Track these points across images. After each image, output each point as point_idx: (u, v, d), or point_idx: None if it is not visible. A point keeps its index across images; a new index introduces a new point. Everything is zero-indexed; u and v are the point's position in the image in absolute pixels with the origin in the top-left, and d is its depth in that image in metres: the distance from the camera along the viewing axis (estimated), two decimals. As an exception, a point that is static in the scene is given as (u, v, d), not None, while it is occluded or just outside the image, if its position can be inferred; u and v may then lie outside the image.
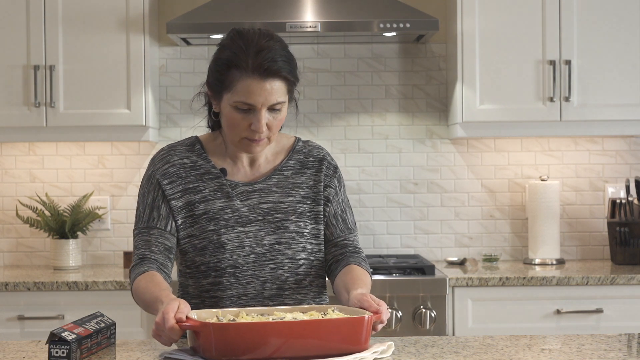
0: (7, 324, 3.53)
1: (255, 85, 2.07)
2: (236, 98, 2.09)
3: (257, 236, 2.18)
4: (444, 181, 4.16)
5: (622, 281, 3.55)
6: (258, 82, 2.07)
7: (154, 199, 2.21)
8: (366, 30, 3.70)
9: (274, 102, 2.09)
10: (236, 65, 2.08)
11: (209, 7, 3.74)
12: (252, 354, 1.80)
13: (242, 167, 2.24)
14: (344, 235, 2.29)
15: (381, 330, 3.46)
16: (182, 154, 2.24)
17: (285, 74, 2.09)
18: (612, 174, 4.17)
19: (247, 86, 2.07)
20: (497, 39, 3.82)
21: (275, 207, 2.20)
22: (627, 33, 3.82)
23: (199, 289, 2.20)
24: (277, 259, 2.18)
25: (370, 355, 1.88)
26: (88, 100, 3.81)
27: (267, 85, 2.07)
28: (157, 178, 2.22)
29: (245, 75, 2.07)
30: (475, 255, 4.15)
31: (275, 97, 2.09)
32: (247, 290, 2.17)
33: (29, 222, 3.96)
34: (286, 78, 2.10)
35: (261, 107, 2.08)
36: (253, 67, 2.07)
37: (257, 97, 2.07)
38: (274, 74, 2.08)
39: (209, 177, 2.21)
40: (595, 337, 2.17)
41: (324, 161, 2.29)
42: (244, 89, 2.08)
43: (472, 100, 3.81)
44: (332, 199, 2.27)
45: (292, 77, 2.12)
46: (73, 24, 3.80)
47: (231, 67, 2.09)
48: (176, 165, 2.22)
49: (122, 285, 3.53)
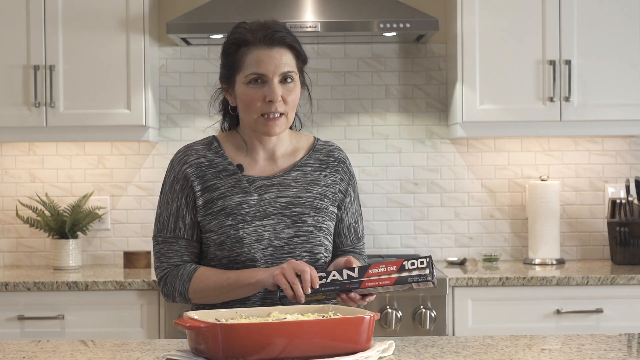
0: (7, 324, 3.53)
1: (263, 54, 2.16)
2: (247, 71, 2.17)
3: (275, 229, 2.21)
4: (444, 181, 4.16)
5: (622, 281, 3.55)
6: (265, 50, 2.17)
7: (178, 208, 2.24)
8: (366, 30, 3.70)
9: (284, 70, 2.17)
10: (244, 43, 2.18)
11: (209, 7, 3.75)
12: (259, 355, 1.80)
13: (261, 161, 2.28)
14: (353, 244, 2.37)
15: (381, 330, 3.47)
16: (199, 153, 2.26)
17: (291, 42, 2.19)
18: (612, 174, 4.17)
19: (256, 56, 2.16)
20: (497, 39, 3.82)
21: (294, 202, 2.23)
22: (627, 33, 3.82)
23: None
24: (295, 252, 2.22)
25: (375, 354, 1.90)
26: (88, 100, 3.81)
27: (275, 53, 2.16)
28: (180, 182, 2.24)
29: (254, 47, 2.17)
30: (475, 255, 4.15)
31: (285, 65, 2.17)
32: None
33: (29, 222, 3.96)
34: (292, 47, 2.19)
35: (272, 75, 2.16)
36: (260, 38, 2.17)
37: (267, 65, 2.16)
38: (280, 41, 2.18)
39: (226, 174, 2.24)
40: (595, 337, 2.17)
41: (343, 165, 2.35)
42: (254, 60, 2.16)
43: (472, 100, 3.81)
44: (347, 209, 2.33)
45: (299, 47, 2.21)
46: (73, 24, 3.80)
47: (240, 46, 2.19)
48: (193, 165, 2.24)
49: (122, 285, 3.53)
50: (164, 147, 4.14)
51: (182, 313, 3.27)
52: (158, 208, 2.28)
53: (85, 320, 3.53)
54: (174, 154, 2.30)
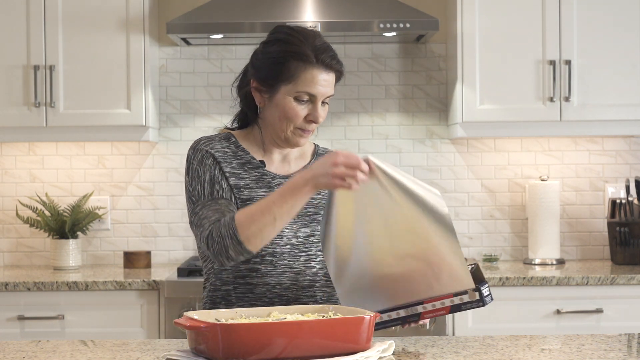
0: (7, 324, 3.53)
1: (320, 76, 2.17)
2: (299, 88, 2.17)
3: (292, 228, 2.23)
4: (444, 181, 4.16)
5: (622, 281, 3.55)
6: (321, 73, 2.18)
7: (213, 177, 2.19)
8: (366, 30, 3.70)
9: (330, 94, 2.21)
10: (299, 57, 2.17)
11: (209, 7, 3.75)
12: (259, 355, 1.80)
13: (276, 162, 2.30)
14: None
15: (381, 330, 3.46)
16: (222, 144, 2.26)
17: (340, 69, 2.22)
18: (612, 174, 4.17)
19: (312, 77, 2.17)
20: (497, 39, 3.82)
21: (308, 202, 2.23)
22: (627, 33, 3.82)
23: (235, 275, 2.22)
24: (310, 251, 2.24)
25: (375, 354, 1.90)
26: (88, 100, 3.81)
27: (329, 78, 2.19)
28: (210, 158, 2.21)
29: (311, 67, 2.17)
30: (475, 255, 4.15)
31: (331, 89, 2.21)
32: (282, 280, 2.21)
33: (29, 222, 3.96)
34: (340, 73, 2.23)
35: (320, 97, 2.19)
36: (318, 59, 2.17)
37: (320, 87, 2.17)
38: (334, 67, 2.19)
39: (250, 167, 2.24)
40: (595, 337, 2.17)
41: None
42: (309, 79, 2.17)
43: (472, 100, 3.81)
44: None
45: (342, 74, 2.24)
46: (73, 24, 3.80)
47: (293, 59, 2.17)
48: (219, 151, 2.24)
49: (122, 285, 3.53)
50: (164, 147, 4.14)
51: (182, 313, 3.28)
52: (188, 187, 2.20)
53: (85, 320, 3.53)
54: (192, 142, 2.26)
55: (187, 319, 1.89)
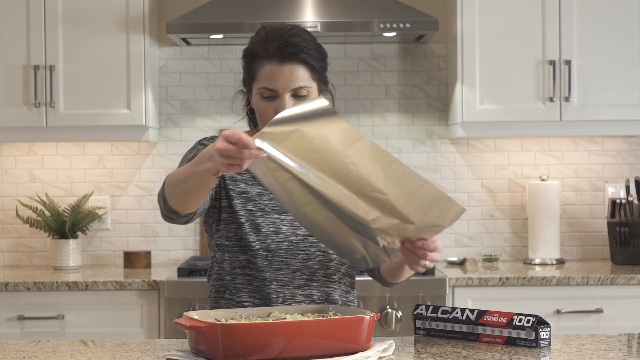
0: (7, 324, 3.53)
1: (273, 70, 2.14)
2: (259, 85, 2.16)
3: (292, 225, 2.23)
4: (444, 181, 4.16)
5: (622, 281, 3.55)
6: (276, 66, 2.14)
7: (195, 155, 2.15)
8: (366, 30, 3.70)
9: (295, 86, 2.14)
10: (258, 54, 2.16)
11: (209, 7, 3.75)
12: (259, 355, 1.80)
13: None
14: None
15: (381, 330, 3.47)
16: None
17: (304, 57, 2.14)
18: (612, 174, 4.17)
19: (266, 71, 2.15)
20: (497, 39, 3.82)
21: None
22: (627, 33, 3.82)
23: (234, 265, 2.23)
24: (309, 250, 2.23)
25: (375, 354, 1.90)
26: (88, 100, 3.81)
27: (285, 70, 2.13)
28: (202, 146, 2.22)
29: (266, 61, 2.15)
30: (475, 255, 4.15)
31: (296, 81, 2.14)
32: (278, 276, 2.21)
33: (29, 222, 3.96)
34: (305, 61, 2.14)
35: (283, 91, 2.14)
36: (271, 52, 2.14)
37: (277, 81, 2.13)
38: (292, 57, 2.13)
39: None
40: (595, 337, 2.17)
41: None
42: (265, 75, 2.15)
43: (472, 100, 3.81)
44: None
45: (312, 60, 2.15)
46: (73, 24, 3.80)
47: (255, 57, 2.17)
48: None
49: (122, 285, 3.53)
50: (164, 147, 4.14)
51: (182, 313, 3.28)
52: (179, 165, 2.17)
53: (85, 320, 3.53)
54: (197, 141, 2.27)
55: (187, 319, 1.89)
